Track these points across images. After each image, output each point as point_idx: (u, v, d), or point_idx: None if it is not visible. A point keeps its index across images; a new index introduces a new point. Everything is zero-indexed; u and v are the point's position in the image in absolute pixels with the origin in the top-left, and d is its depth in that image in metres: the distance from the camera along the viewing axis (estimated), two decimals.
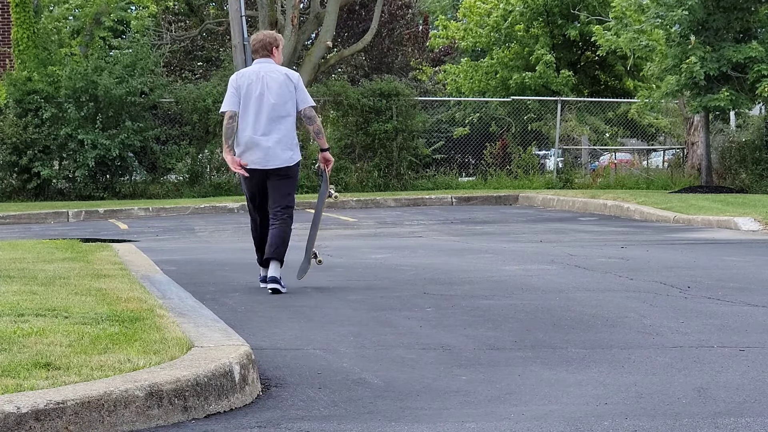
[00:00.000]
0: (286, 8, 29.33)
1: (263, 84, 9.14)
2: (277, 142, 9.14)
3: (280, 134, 9.15)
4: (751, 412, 4.93)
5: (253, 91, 9.14)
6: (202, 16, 40.60)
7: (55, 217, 21.34)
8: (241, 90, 9.16)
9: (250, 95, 9.14)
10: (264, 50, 9.31)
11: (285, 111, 9.16)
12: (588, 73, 30.81)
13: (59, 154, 25.25)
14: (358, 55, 40.46)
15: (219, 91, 25.95)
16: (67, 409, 4.46)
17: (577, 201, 21.59)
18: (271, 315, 7.87)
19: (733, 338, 6.76)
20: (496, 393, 5.41)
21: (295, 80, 9.22)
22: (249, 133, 9.12)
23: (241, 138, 9.17)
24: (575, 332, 7.05)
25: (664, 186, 25.12)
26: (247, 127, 9.14)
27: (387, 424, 4.80)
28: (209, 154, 26.51)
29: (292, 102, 9.18)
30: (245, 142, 9.15)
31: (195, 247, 14.38)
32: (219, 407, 5.02)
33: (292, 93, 9.18)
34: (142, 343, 5.62)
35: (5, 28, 28.42)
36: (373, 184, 26.38)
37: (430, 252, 12.79)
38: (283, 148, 9.16)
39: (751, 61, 21.60)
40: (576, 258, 11.42)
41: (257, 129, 9.13)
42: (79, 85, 24.90)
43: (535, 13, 29.31)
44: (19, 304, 6.93)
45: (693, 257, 11.72)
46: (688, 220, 17.23)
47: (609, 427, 4.69)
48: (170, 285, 8.80)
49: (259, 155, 9.13)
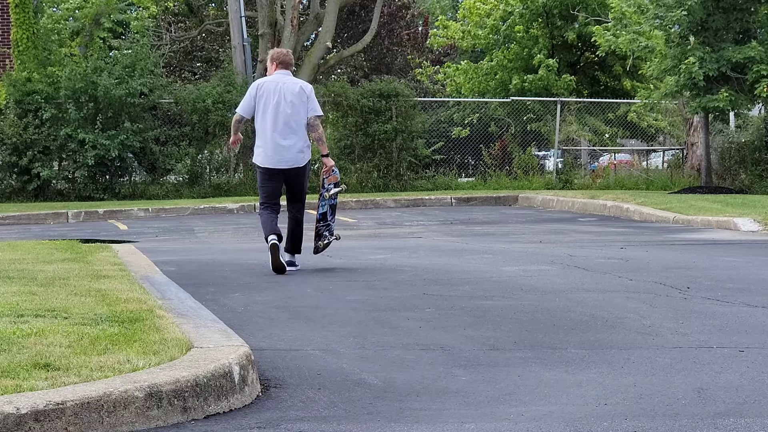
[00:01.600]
0: (286, 9, 29.31)
1: (280, 94, 10.54)
2: (292, 145, 10.59)
3: (295, 138, 10.59)
4: (750, 412, 4.93)
5: (270, 100, 10.54)
6: (202, 17, 40.62)
7: (54, 218, 21.34)
8: (261, 98, 10.57)
9: (268, 103, 10.56)
10: (285, 65, 10.73)
11: (299, 118, 10.57)
12: (587, 74, 30.81)
13: (59, 155, 25.25)
14: (357, 55, 40.49)
15: (218, 91, 25.95)
16: (66, 410, 4.46)
17: (576, 202, 21.59)
18: (271, 316, 7.87)
19: (733, 339, 6.76)
20: (495, 393, 5.41)
21: (308, 91, 10.64)
22: (269, 136, 10.57)
23: (262, 140, 10.64)
24: (575, 333, 7.05)
25: (664, 187, 25.12)
26: (266, 130, 10.59)
27: (386, 424, 4.80)
28: (209, 155, 26.51)
29: (304, 110, 10.60)
30: (265, 144, 10.62)
31: (194, 247, 14.38)
32: (218, 408, 5.02)
33: (305, 102, 10.58)
34: (141, 344, 5.62)
35: (5, 29, 28.41)
36: (373, 184, 26.38)
37: (429, 253, 12.78)
38: (297, 151, 10.61)
39: (751, 62, 21.58)
40: (575, 259, 11.42)
41: (275, 132, 10.55)
42: (79, 85, 24.90)
43: (535, 14, 29.29)
44: (19, 305, 6.93)
45: (692, 258, 11.72)
46: (687, 220, 17.23)
47: (608, 427, 4.69)
48: (170, 286, 8.80)
49: (278, 156, 10.58)
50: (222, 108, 25.86)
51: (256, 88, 10.62)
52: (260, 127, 10.60)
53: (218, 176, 26.60)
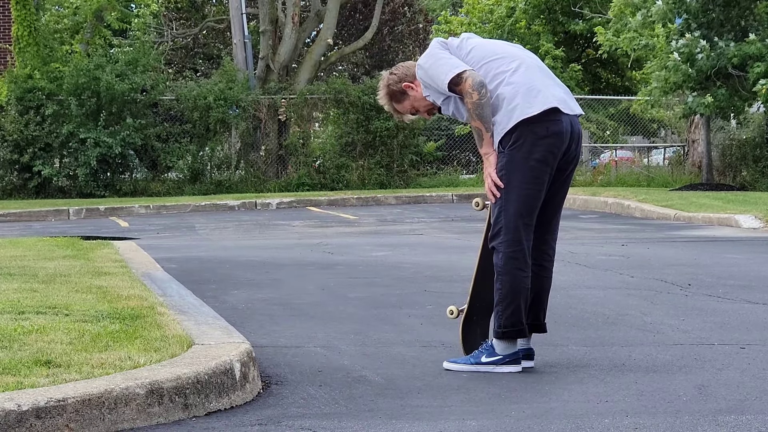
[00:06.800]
0: (287, 6, 29.31)
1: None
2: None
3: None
4: (751, 409, 4.93)
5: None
6: (204, 13, 40.61)
7: (55, 215, 21.35)
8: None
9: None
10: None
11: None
12: (589, 71, 30.80)
13: (60, 152, 25.25)
14: (359, 52, 40.48)
15: (219, 88, 25.96)
16: (67, 407, 4.46)
17: (577, 198, 21.58)
18: (272, 313, 7.87)
19: (734, 336, 6.76)
20: (497, 390, 5.41)
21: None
22: None
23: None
24: (576, 330, 7.05)
25: (665, 183, 25.11)
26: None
27: (388, 421, 4.80)
28: (210, 152, 26.52)
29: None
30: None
31: (196, 244, 14.38)
32: (220, 405, 5.02)
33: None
34: (142, 341, 5.62)
35: (6, 25, 28.42)
36: (374, 181, 26.37)
37: (430, 249, 12.78)
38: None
39: (750, 59, 21.51)
40: (577, 255, 11.42)
41: None
42: (82, 81, 24.89)
43: (537, 9, 29.29)
44: (20, 302, 6.93)
45: (694, 255, 11.72)
46: (688, 217, 17.22)
47: (609, 424, 4.68)
48: (171, 283, 8.80)
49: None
50: (223, 105, 25.87)
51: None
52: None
53: (219, 173, 26.60)
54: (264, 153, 27.12)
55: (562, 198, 6.00)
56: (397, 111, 6.12)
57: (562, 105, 5.75)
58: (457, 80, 5.69)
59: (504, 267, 5.72)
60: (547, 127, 5.67)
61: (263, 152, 27.12)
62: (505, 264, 5.72)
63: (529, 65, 5.82)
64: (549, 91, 5.75)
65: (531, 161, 5.66)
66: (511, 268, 5.71)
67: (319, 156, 27.15)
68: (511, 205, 5.70)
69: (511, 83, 5.71)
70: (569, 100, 5.82)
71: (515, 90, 5.69)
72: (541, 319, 6.00)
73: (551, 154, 5.70)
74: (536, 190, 5.72)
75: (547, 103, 5.68)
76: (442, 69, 5.75)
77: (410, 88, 5.99)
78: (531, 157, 5.66)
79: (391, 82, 6.04)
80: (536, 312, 5.96)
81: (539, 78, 5.78)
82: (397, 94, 6.04)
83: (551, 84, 5.81)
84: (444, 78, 5.72)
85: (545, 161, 5.70)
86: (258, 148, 27.26)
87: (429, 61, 5.84)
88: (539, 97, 5.69)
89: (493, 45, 5.98)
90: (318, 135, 28.48)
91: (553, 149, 5.70)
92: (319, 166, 26.81)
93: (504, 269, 5.72)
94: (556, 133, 5.70)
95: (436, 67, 5.78)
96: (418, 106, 6.04)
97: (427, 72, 5.84)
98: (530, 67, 5.82)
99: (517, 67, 5.77)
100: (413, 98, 6.01)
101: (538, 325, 6.01)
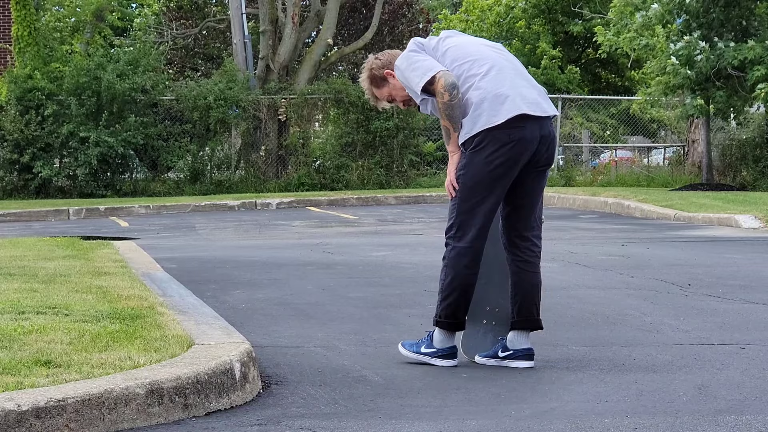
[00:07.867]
0: (287, 6, 29.30)
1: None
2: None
3: None
4: (751, 409, 4.93)
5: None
6: (204, 13, 40.60)
7: (55, 215, 21.35)
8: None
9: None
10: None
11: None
12: (589, 71, 30.80)
13: (60, 152, 25.25)
14: (359, 52, 40.46)
15: (219, 88, 25.95)
16: (67, 407, 4.46)
17: (577, 198, 21.59)
18: (272, 313, 7.87)
19: (734, 336, 6.76)
20: (496, 390, 5.41)
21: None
22: None
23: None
24: (576, 330, 7.05)
25: (665, 184, 25.10)
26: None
27: (388, 421, 4.80)
28: (210, 152, 26.52)
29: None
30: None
31: (196, 244, 14.38)
32: (219, 405, 5.02)
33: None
34: (142, 341, 5.62)
35: (6, 26, 28.42)
36: (374, 181, 26.37)
37: (430, 249, 12.77)
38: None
39: (750, 62, 21.48)
40: (576, 255, 11.42)
41: None
42: (83, 80, 24.90)
43: (537, 9, 29.29)
44: (20, 302, 6.93)
45: (694, 255, 11.71)
46: (688, 217, 17.22)
47: (609, 424, 4.69)
48: (171, 283, 8.80)
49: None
50: (223, 105, 25.87)
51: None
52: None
53: (219, 173, 26.61)
54: (264, 153, 27.12)
55: (539, 193, 6.03)
56: (375, 96, 6.23)
57: (533, 108, 5.81)
58: (431, 81, 5.79)
59: (450, 261, 5.89)
60: (509, 134, 5.74)
61: (263, 152, 27.12)
62: (451, 258, 5.89)
63: (501, 68, 5.87)
64: (519, 95, 5.80)
65: (490, 165, 5.76)
66: (456, 264, 5.87)
67: (319, 156, 27.16)
68: (465, 205, 5.84)
69: (480, 88, 5.79)
70: (542, 102, 5.88)
71: (482, 96, 5.77)
72: (534, 315, 6.03)
73: (511, 160, 5.78)
74: (491, 193, 5.82)
75: (513, 111, 5.75)
76: (417, 73, 5.85)
77: (391, 75, 6.09)
78: (490, 162, 5.76)
79: (375, 67, 6.15)
80: (528, 307, 6.01)
81: (509, 82, 5.83)
82: (378, 79, 6.15)
83: (524, 86, 5.87)
84: (418, 82, 5.82)
85: (504, 166, 5.78)
86: (258, 148, 27.26)
87: (404, 63, 5.94)
88: (506, 104, 5.75)
89: (468, 46, 6.01)
90: (318, 135, 28.49)
91: (514, 155, 5.78)
92: (318, 166, 26.84)
93: (450, 263, 5.89)
94: (519, 140, 5.77)
95: (410, 71, 5.88)
96: (395, 95, 6.15)
97: (402, 74, 5.95)
98: (502, 69, 5.87)
99: (487, 71, 5.83)
100: (392, 86, 6.12)
101: (533, 321, 6.04)
